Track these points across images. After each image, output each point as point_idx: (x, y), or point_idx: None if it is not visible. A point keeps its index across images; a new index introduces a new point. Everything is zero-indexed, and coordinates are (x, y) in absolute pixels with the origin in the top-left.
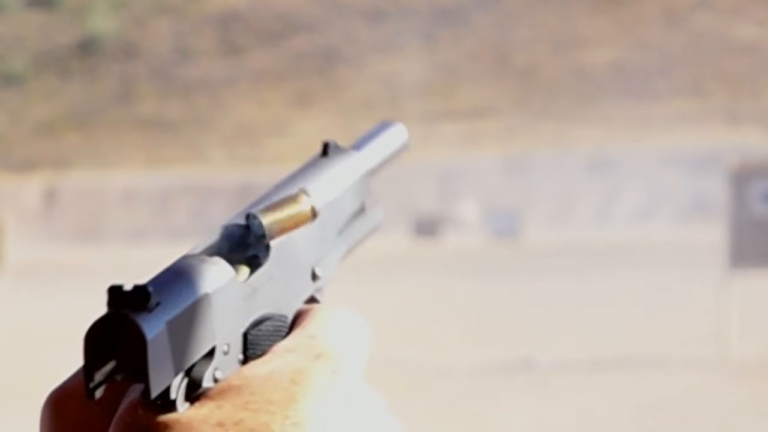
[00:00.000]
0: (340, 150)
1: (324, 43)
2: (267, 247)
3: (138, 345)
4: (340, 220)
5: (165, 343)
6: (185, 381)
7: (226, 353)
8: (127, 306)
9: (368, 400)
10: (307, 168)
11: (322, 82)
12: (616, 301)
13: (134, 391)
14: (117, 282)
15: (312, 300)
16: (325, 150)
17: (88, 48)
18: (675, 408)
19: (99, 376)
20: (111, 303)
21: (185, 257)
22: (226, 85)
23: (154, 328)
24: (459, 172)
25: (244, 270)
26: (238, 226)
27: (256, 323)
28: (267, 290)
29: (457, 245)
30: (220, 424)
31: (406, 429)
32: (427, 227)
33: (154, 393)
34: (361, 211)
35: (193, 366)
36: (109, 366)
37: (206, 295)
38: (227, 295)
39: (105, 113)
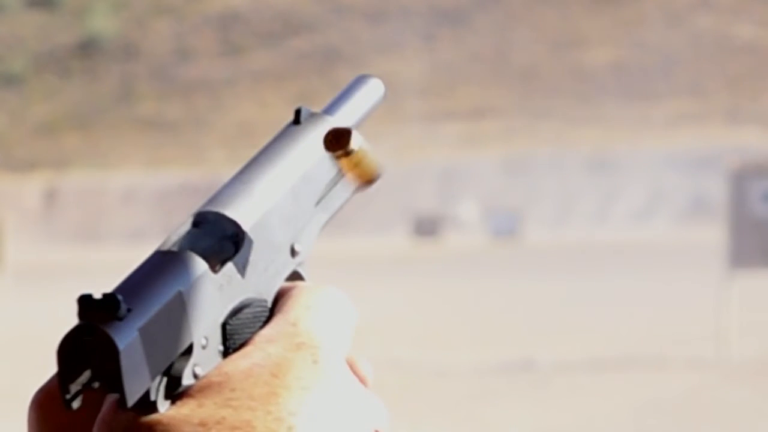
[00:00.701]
0: (313, 116)
1: (324, 43)
2: (241, 232)
3: (110, 355)
4: (317, 191)
5: (138, 350)
6: (165, 380)
7: (204, 347)
8: (97, 316)
9: (352, 387)
10: (280, 138)
11: (322, 82)
12: (616, 301)
13: None
14: (86, 291)
15: (295, 275)
16: (297, 117)
17: (88, 48)
18: (675, 408)
19: (74, 387)
20: (81, 313)
21: (156, 254)
22: (226, 85)
23: (125, 337)
24: (459, 172)
25: (218, 259)
26: (210, 213)
27: (235, 312)
28: (242, 280)
29: (457, 245)
30: (202, 424)
31: (406, 429)
32: (427, 227)
33: (130, 402)
34: (340, 177)
35: (171, 364)
36: (84, 376)
37: (179, 294)
38: (201, 289)
39: (105, 113)
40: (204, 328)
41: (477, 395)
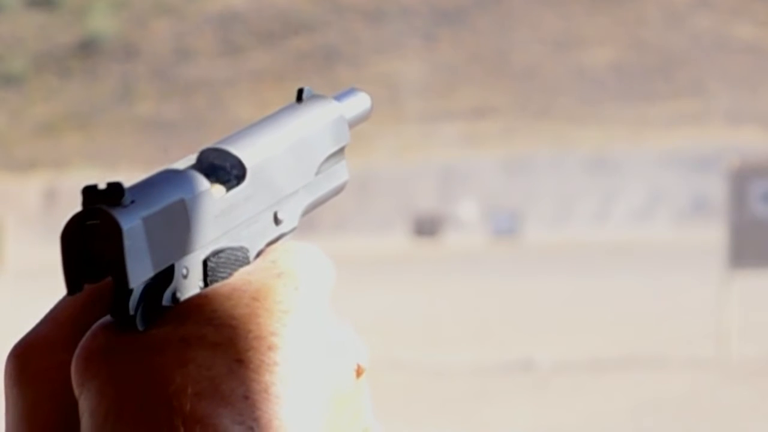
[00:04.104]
0: (316, 95)
1: (324, 43)
2: (242, 167)
3: (114, 236)
4: (318, 159)
5: (141, 237)
6: (144, 300)
7: (185, 277)
8: (101, 202)
9: (333, 319)
10: (282, 110)
11: (322, 82)
12: (616, 301)
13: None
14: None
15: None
16: (300, 96)
17: (88, 48)
18: (675, 408)
19: (77, 274)
20: (85, 201)
21: (161, 170)
22: (226, 85)
23: (129, 220)
24: (459, 172)
25: (220, 187)
26: (214, 149)
27: (216, 252)
28: (243, 210)
29: (457, 245)
30: (183, 340)
31: (406, 429)
32: (427, 227)
33: (133, 283)
34: (340, 158)
35: (151, 286)
36: (87, 261)
37: (182, 201)
38: (202, 205)
39: (105, 113)
40: (201, 245)
41: (477, 395)
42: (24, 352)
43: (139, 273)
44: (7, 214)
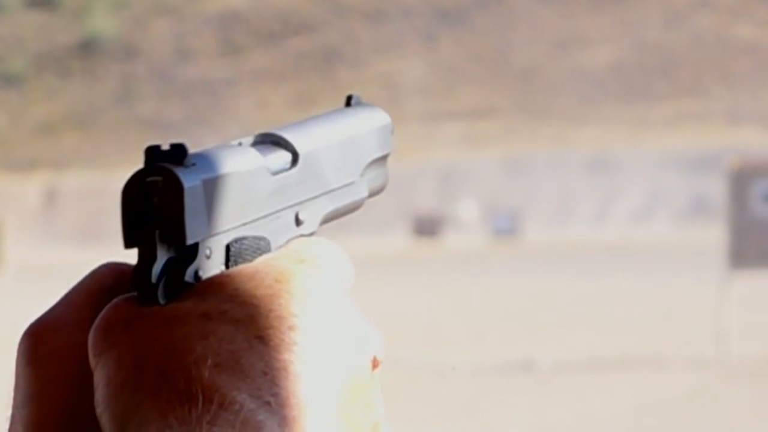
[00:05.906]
0: (364, 103)
1: (324, 43)
2: (295, 153)
3: (175, 193)
4: (365, 160)
5: (200, 198)
6: (167, 274)
7: (208, 257)
8: (164, 161)
9: (354, 310)
10: (332, 111)
11: (322, 82)
12: (616, 301)
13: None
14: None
15: None
16: (348, 102)
17: (88, 48)
18: (675, 408)
19: (135, 228)
20: (148, 159)
21: (218, 144)
22: (226, 85)
23: (191, 180)
24: (459, 172)
25: (273, 168)
26: (269, 133)
27: (239, 239)
28: (292, 194)
29: (457, 245)
30: (205, 315)
31: (406, 429)
32: (427, 227)
33: (190, 239)
34: (381, 165)
35: (174, 262)
36: (145, 218)
37: (238, 172)
38: (257, 180)
39: (105, 113)
40: (250, 218)
41: (477, 395)
42: (39, 332)
43: (196, 231)
44: (7, 214)
